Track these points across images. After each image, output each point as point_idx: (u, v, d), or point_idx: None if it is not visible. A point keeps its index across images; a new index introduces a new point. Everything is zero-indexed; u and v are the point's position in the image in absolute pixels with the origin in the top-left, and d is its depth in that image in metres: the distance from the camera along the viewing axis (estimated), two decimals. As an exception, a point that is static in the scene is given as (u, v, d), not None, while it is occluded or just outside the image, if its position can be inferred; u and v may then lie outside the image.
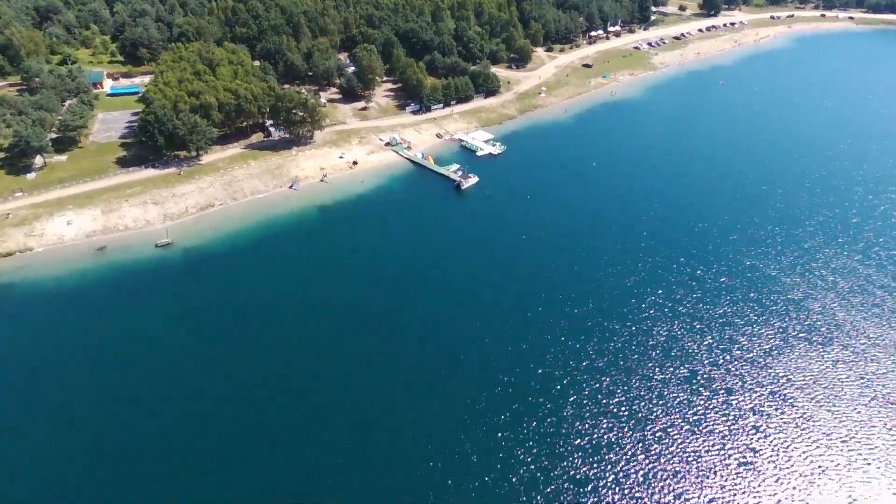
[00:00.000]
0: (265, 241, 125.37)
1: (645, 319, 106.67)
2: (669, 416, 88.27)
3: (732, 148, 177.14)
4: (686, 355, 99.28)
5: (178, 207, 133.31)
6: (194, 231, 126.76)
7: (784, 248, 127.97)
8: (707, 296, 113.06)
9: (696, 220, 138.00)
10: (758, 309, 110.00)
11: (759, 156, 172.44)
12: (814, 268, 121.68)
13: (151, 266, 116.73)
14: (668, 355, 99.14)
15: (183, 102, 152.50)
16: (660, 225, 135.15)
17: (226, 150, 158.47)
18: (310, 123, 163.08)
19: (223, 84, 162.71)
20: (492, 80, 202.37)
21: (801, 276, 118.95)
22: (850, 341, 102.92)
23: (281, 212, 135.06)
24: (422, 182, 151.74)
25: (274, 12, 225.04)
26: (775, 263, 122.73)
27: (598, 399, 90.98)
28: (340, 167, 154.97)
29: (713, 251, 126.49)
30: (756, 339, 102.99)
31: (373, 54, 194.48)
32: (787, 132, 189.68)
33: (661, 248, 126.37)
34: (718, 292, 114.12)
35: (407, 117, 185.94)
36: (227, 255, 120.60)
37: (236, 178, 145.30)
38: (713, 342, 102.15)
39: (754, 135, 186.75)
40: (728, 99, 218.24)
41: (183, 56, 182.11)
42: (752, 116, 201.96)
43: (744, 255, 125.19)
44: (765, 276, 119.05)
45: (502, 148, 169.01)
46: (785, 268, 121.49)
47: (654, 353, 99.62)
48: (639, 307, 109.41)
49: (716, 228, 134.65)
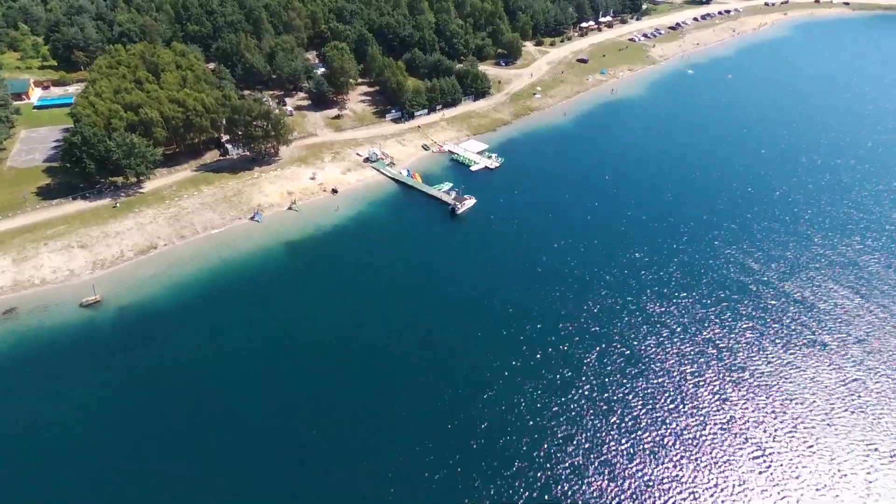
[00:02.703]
0: (221, 292, 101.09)
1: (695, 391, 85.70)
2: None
3: (760, 152, 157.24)
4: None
5: (111, 251, 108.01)
6: (131, 282, 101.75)
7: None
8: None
9: (745, 253, 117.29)
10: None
11: (794, 161, 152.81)
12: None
13: (73, 334, 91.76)
14: (729, 432, 78.41)
15: (118, 119, 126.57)
16: (694, 253, 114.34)
17: (173, 173, 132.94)
18: (274, 138, 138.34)
19: (168, 94, 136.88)
20: (481, 80, 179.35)
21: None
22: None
23: (241, 252, 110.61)
24: (409, 206, 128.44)
25: (231, 7, 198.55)
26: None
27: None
28: (312, 190, 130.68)
29: (781, 310, 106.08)
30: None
31: (345, 54, 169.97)
32: (820, 131, 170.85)
33: (700, 287, 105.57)
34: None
35: (387, 126, 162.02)
36: (173, 314, 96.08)
37: (185, 210, 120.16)
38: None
39: (783, 135, 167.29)
40: (740, 94, 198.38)
41: (122, 60, 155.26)
42: (774, 113, 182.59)
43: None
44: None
45: (499, 160, 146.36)
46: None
47: (703, 428, 78.72)
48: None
49: (782, 274, 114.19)
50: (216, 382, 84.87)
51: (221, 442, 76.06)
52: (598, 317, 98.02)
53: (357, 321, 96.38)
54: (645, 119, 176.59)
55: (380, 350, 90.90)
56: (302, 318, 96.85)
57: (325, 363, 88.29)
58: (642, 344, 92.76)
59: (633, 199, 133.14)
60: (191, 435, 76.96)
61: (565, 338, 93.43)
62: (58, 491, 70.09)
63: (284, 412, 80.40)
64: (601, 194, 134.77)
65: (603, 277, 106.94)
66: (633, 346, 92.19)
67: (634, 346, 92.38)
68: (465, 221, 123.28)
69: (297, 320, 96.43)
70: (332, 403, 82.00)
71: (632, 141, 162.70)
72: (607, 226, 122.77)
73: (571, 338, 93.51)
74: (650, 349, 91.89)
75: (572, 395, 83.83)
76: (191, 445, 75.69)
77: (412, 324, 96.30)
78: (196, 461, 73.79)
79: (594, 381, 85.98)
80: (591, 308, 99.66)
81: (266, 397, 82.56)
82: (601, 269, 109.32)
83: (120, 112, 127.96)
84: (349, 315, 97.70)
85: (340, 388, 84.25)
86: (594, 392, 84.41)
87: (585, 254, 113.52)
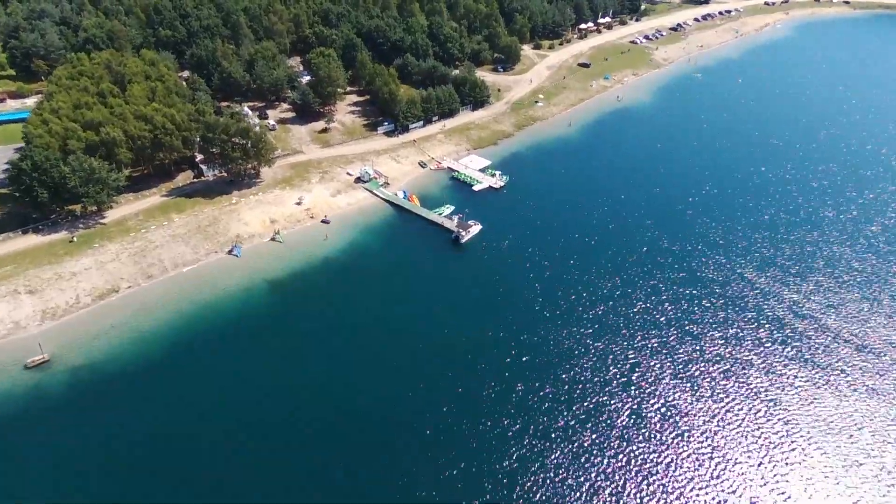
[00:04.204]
0: (193, 344, 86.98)
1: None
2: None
3: (787, 164, 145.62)
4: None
5: (64, 297, 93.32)
6: (87, 335, 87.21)
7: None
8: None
9: (789, 281, 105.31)
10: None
11: (825, 174, 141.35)
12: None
13: (15, 403, 77.28)
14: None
15: (76, 139, 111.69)
16: (732, 289, 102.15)
17: (140, 199, 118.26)
18: (254, 158, 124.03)
19: (135, 109, 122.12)
20: (480, 87, 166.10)
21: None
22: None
23: (216, 294, 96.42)
24: (407, 234, 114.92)
25: (207, 10, 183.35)
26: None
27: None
28: (298, 217, 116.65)
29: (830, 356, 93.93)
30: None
31: (332, 61, 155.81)
32: (851, 138, 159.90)
33: (737, 326, 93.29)
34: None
35: (380, 140, 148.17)
36: (135, 373, 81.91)
37: (153, 244, 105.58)
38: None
39: (811, 145, 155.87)
40: (755, 99, 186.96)
41: (85, 70, 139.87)
42: (796, 118, 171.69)
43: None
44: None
45: (504, 179, 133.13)
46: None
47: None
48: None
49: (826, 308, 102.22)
50: (186, 458, 70.99)
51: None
52: (625, 369, 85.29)
53: (350, 376, 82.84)
54: (657, 128, 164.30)
55: (375, 410, 77.52)
56: (287, 373, 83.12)
57: (314, 430, 74.76)
58: (678, 398, 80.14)
59: (652, 220, 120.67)
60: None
61: (588, 394, 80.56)
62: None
63: (266, 493, 66.72)
64: (617, 217, 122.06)
65: (627, 316, 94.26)
66: (669, 401, 79.54)
67: (670, 400, 79.74)
68: (469, 251, 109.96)
69: (281, 375, 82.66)
70: (323, 484, 68.40)
71: (645, 153, 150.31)
72: (626, 252, 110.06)
73: (596, 395, 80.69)
74: (685, 404, 79.27)
75: (597, 464, 70.96)
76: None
77: (412, 377, 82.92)
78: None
79: (626, 450, 73.21)
80: (618, 358, 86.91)
81: (247, 475, 68.82)
82: (623, 304, 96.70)
83: (78, 132, 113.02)
84: (341, 368, 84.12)
85: (332, 467, 70.65)
86: (625, 464, 71.58)
87: (603, 286, 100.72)
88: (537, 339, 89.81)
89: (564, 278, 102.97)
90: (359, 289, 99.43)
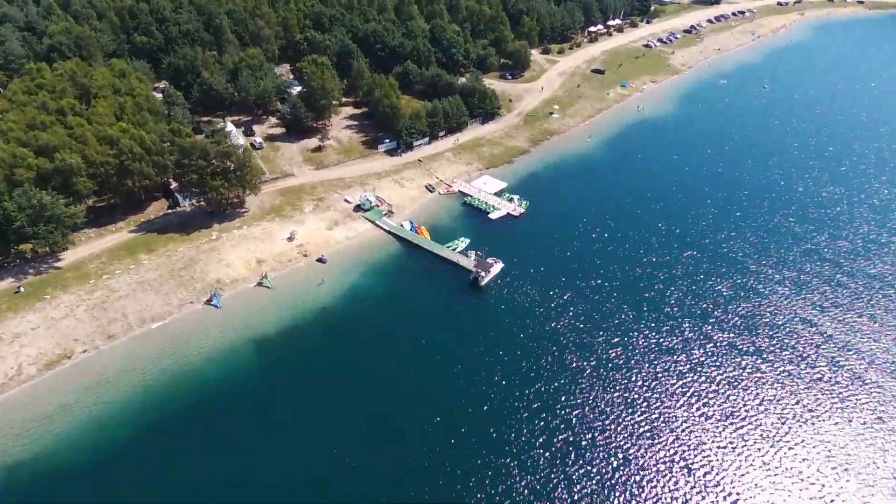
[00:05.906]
0: (161, 426, 70.52)
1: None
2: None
3: (834, 185, 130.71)
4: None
5: (3, 367, 76.41)
6: (27, 420, 70.46)
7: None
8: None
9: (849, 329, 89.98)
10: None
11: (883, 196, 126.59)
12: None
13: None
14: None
15: (25, 167, 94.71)
16: (791, 336, 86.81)
17: (104, 235, 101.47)
18: (238, 184, 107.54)
19: (98, 130, 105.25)
20: (490, 98, 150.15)
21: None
22: None
23: (191, 358, 79.86)
24: (417, 275, 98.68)
25: (187, 13, 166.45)
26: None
27: None
28: (289, 256, 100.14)
29: None
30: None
31: (326, 69, 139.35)
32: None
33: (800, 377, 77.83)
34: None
35: (380, 160, 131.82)
36: (90, 474, 65.29)
37: (116, 294, 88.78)
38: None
39: (859, 166, 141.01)
40: (787, 106, 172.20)
41: (45, 83, 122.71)
42: (843, 126, 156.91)
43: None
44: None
45: (524, 204, 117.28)
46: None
47: None
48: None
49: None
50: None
51: None
52: (693, 460, 69.69)
53: (351, 467, 66.50)
54: (685, 141, 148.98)
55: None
56: (277, 463, 66.70)
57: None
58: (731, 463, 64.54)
59: (695, 249, 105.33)
60: None
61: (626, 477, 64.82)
62: None
63: None
64: (649, 246, 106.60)
65: (676, 371, 78.63)
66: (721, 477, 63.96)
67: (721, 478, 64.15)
68: (490, 296, 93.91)
69: (268, 467, 66.25)
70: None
71: (675, 171, 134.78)
72: (664, 286, 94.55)
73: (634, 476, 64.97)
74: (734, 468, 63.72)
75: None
76: None
77: (426, 469, 66.78)
78: None
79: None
80: (659, 427, 71.27)
81: None
82: (671, 356, 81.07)
83: (28, 158, 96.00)
84: (340, 454, 67.83)
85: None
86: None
87: (641, 328, 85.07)
88: (563, 405, 73.91)
89: (604, 327, 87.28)
90: (362, 349, 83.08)
